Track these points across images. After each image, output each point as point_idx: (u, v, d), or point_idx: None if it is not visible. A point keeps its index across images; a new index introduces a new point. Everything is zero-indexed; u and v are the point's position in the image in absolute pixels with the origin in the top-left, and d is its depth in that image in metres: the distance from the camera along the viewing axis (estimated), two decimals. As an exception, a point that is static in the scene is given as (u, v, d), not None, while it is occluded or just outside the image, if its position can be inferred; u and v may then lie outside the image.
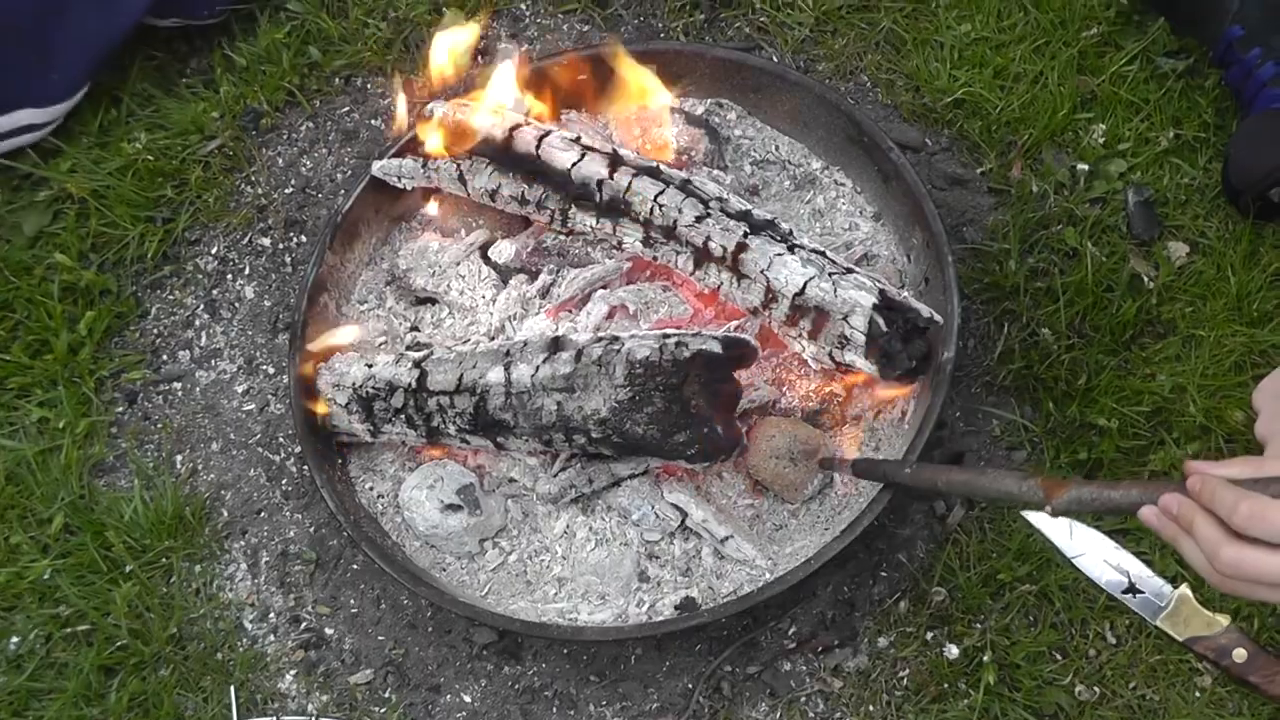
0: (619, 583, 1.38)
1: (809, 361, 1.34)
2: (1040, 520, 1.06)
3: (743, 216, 1.36)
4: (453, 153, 1.48)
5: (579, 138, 1.44)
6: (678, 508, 1.38)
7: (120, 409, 1.61)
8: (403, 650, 1.45)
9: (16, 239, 1.69)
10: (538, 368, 1.30)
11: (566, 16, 1.81)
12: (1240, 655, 1.03)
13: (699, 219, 1.35)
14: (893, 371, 1.32)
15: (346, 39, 1.79)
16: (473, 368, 1.35)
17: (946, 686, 1.36)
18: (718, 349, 1.25)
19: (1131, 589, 1.07)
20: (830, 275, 1.30)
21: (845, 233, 1.54)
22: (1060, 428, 1.46)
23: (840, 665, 1.39)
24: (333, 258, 1.53)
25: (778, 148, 1.60)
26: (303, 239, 1.70)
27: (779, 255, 1.31)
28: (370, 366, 1.42)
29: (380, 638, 1.46)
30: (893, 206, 1.51)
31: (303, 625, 1.48)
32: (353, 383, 1.42)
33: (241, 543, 1.53)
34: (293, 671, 1.45)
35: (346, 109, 1.77)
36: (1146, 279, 1.54)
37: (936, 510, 1.45)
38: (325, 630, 1.47)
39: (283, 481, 1.56)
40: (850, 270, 1.32)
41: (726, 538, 1.37)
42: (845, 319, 1.27)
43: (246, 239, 1.71)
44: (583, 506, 1.42)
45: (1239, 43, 1.54)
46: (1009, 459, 1.47)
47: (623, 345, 1.28)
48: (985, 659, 1.36)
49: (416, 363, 1.40)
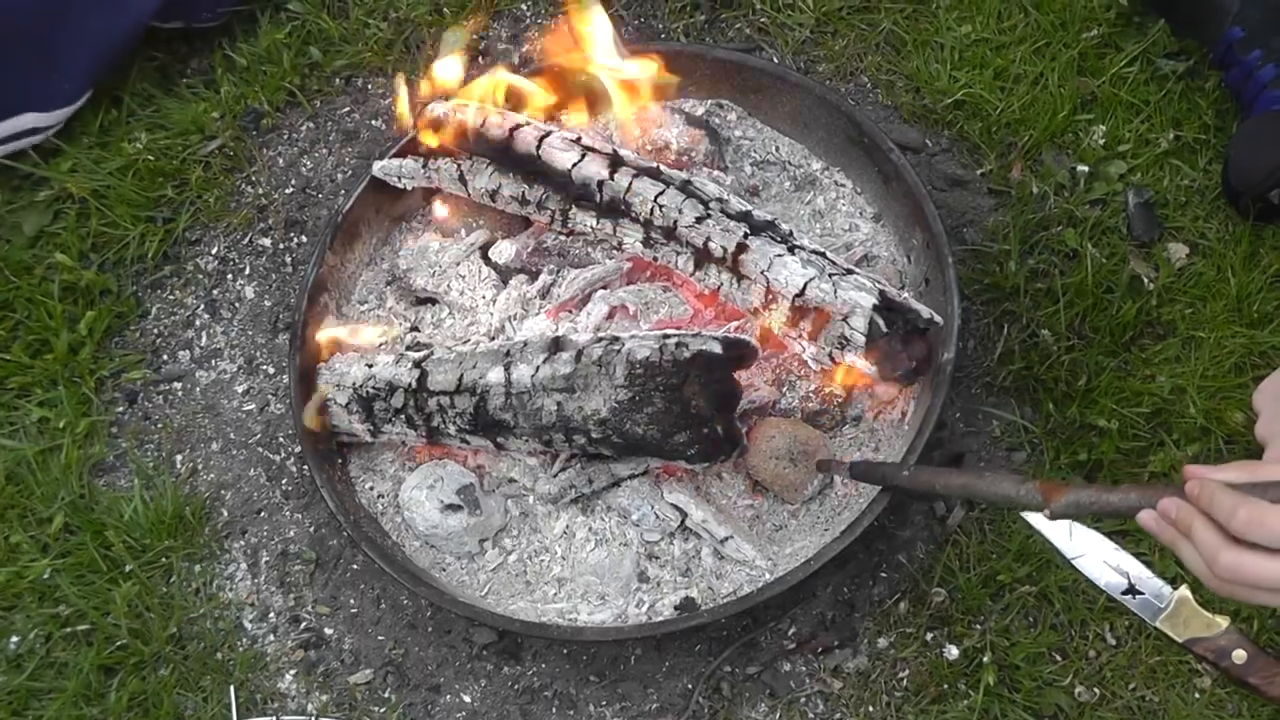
0: (619, 583, 1.38)
1: (809, 362, 1.34)
2: (1040, 521, 1.07)
3: (743, 217, 1.36)
4: (453, 153, 1.48)
5: (579, 138, 1.44)
6: (677, 508, 1.38)
7: (120, 409, 1.61)
8: (402, 650, 1.45)
9: (17, 239, 1.69)
10: (538, 368, 1.30)
11: (566, 17, 1.81)
12: (1240, 656, 1.03)
13: (699, 220, 1.35)
14: (892, 372, 1.33)
15: (347, 39, 1.79)
16: (473, 368, 1.35)
17: (946, 687, 1.36)
18: (718, 349, 1.25)
19: (1131, 590, 1.07)
20: (830, 276, 1.30)
21: (845, 234, 1.54)
22: (1060, 429, 1.46)
23: (840, 666, 1.39)
24: (333, 258, 1.53)
25: (778, 148, 1.60)
26: (303, 239, 1.70)
27: (779, 256, 1.31)
28: (370, 366, 1.42)
29: (380, 638, 1.46)
30: (893, 207, 1.51)
31: (302, 625, 1.48)
32: (353, 383, 1.42)
33: (241, 542, 1.53)
34: (292, 671, 1.45)
35: (347, 109, 1.77)
36: (1146, 280, 1.54)
37: (936, 511, 1.45)
38: (325, 630, 1.47)
39: (283, 481, 1.56)
40: (850, 271, 1.32)
41: (726, 538, 1.37)
42: (845, 320, 1.27)
43: (247, 239, 1.71)
44: (582, 507, 1.42)
45: (1239, 44, 1.54)
46: (1009, 460, 1.47)
47: (623, 345, 1.28)
48: (985, 660, 1.36)
49: (416, 363, 1.40)
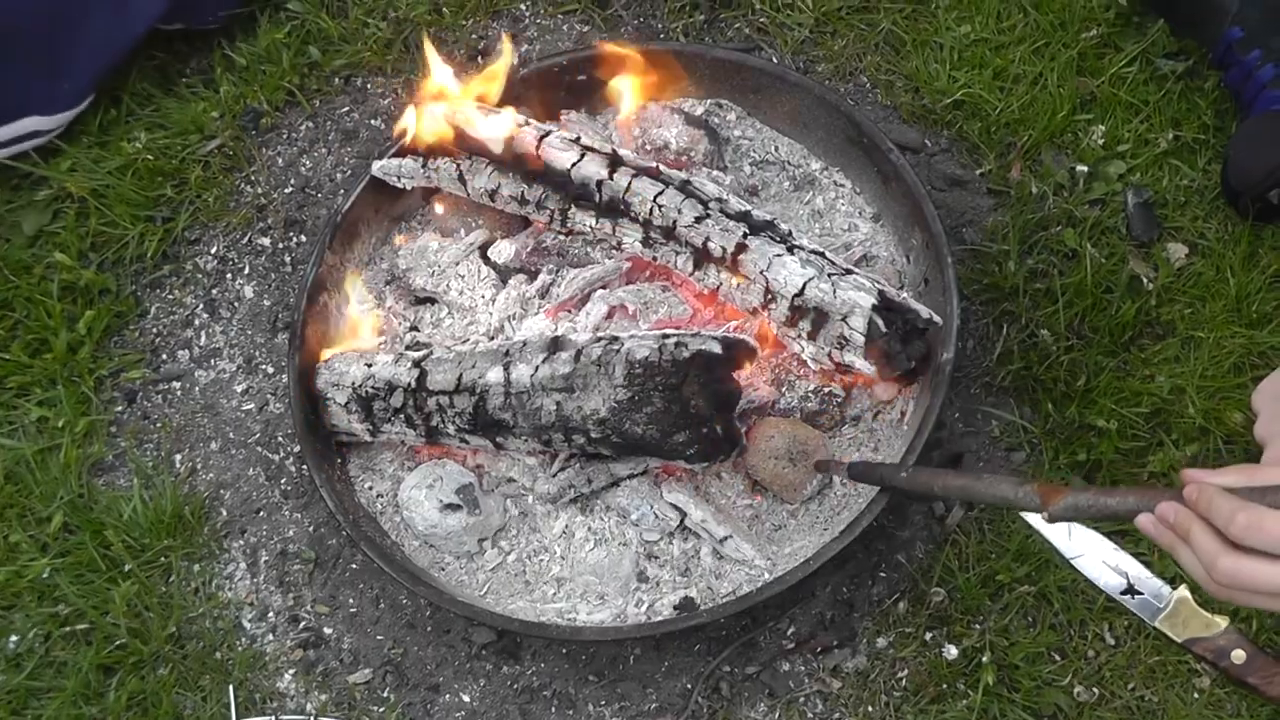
0: (618, 583, 1.38)
1: (808, 362, 1.34)
2: (1039, 521, 1.06)
3: (742, 217, 1.36)
4: (453, 152, 1.48)
5: (579, 138, 1.44)
6: (677, 508, 1.38)
7: (119, 408, 1.61)
8: (401, 650, 1.45)
9: (16, 238, 1.69)
10: (537, 368, 1.30)
11: (566, 17, 1.81)
12: (1239, 656, 1.03)
13: (698, 219, 1.35)
14: (892, 372, 1.33)
15: (346, 39, 1.79)
16: (472, 367, 1.35)
17: (945, 687, 1.36)
18: (717, 349, 1.25)
19: (1130, 590, 1.07)
20: (829, 276, 1.30)
21: (844, 234, 1.54)
22: (1059, 429, 1.46)
23: (839, 666, 1.39)
24: (332, 257, 1.53)
25: (777, 148, 1.60)
26: (302, 239, 1.70)
27: (778, 256, 1.31)
28: (370, 366, 1.42)
29: (379, 637, 1.46)
30: (892, 207, 1.51)
31: (301, 624, 1.48)
32: (352, 382, 1.42)
33: (240, 542, 1.53)
34: (291, 671, 1.45)
35: (346, 109, 1.77)
36: (1146, 280, 1.54)
37: (936, 511, 1.45)
38: (324, 629, 1.47)
39: (282, 481, 1.56)
40: (849, 271, 1.32)
41: (725, 538, 1.37)
42: (844, 320, 1.27)
43: (246, 238, 1.71)
44: (582, 506, 1.42)
45: (1238, 44, 1.54)
46: (1008, 460, 1.47)
47: (622, 345, 1.28)
48: (984, 660, 1.36)
49: (416, 362, 1.40)
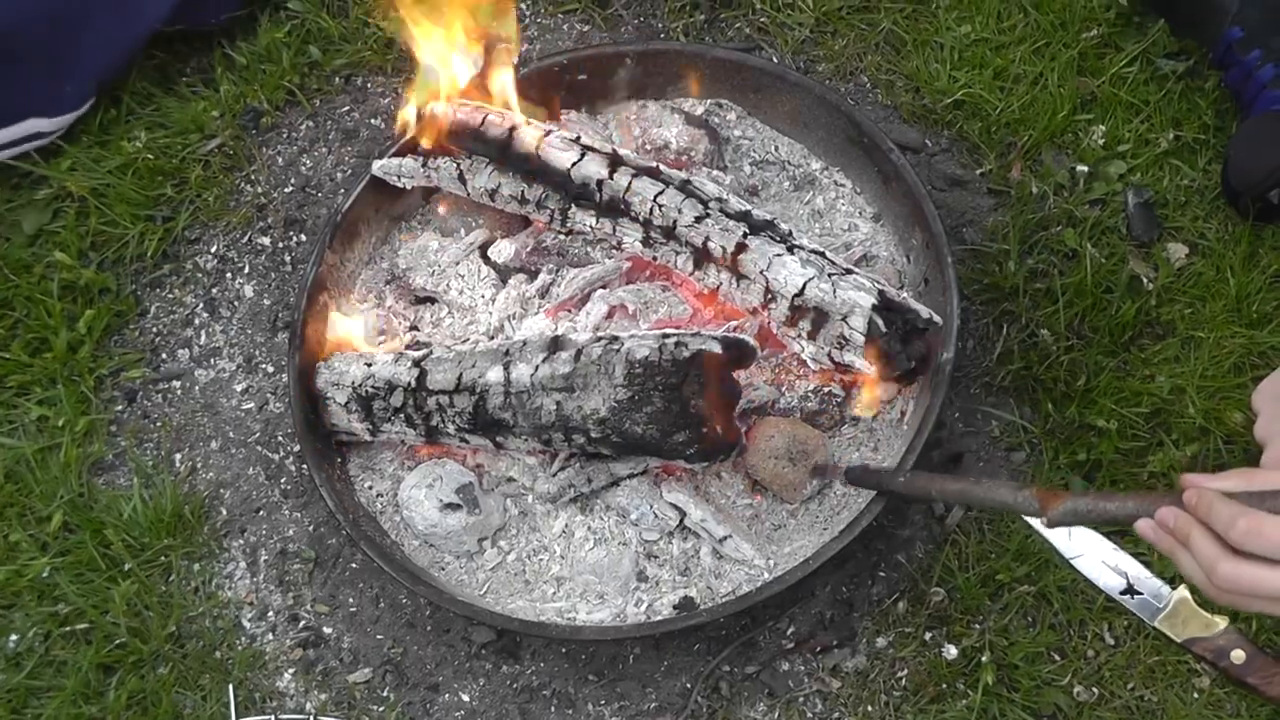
0: (617, 582, 1.38)
1: (808, 362, 1.34)
2: (1039, 522, 1.07)
3: (742, 217, 1.36)
4: (453, 152, 1.48)
5: (579, 138, 1.44)
6: (676, 507, 1.38)
7: (119, 407, 1.61)
8: (401, 649, 1.45)
9: (16, 237, 1.69)
10: (537, 367, 1.30)
11: (566, 17, 1.81)
12: (1238, 656, 1.03)
13: (698, 219, 1.35)
14: (892, 372, 1.33)
15: (346, 38, 1.79)
16: (472, 367, 1.35)
17: (945, 687, 1.36)
18: (717, 349, 1.25)
19: (1130, 590, 1.07)
20: (829, 276, 1.30)
21: (845, 233, 1.54)
22: (1059, 429, 1.46)
23: (839, 665, 1.39)
24: (332, 257, 1.53)
25: (777, 148, 1.60)
26: (302, 238, 1.70)
27: (778, 256, 1.31)
28: (369, 365, 1.42)
29: (379, 636, 1.46)
30: (892, 207, 1.51)
31: (301, 624, 1.48)
32: (352, 382, 1.42)
33: (240, 541, 1.53)
34: (291, 670, 1.45)
35: (346, 108, 1.77)
36: (1146, 280, 1.54)
37: (935, 511, 1.45)
38: (324, 629, 1.47)
39: (282, 480, 1.56)
40: (849, 271, 1.32)
41: (725, 537, 1.37)
42: (844, 320, 1.27)
43: (246, 238, 1.71)
44: (581, 506, 1.42)
45: (1239, 44, 1.54)
46: (1008, 460, 1.47)
47: (622, 345, 1.28)
48: (984, 659, 1.36)
49: (416, 362, 1.40)
